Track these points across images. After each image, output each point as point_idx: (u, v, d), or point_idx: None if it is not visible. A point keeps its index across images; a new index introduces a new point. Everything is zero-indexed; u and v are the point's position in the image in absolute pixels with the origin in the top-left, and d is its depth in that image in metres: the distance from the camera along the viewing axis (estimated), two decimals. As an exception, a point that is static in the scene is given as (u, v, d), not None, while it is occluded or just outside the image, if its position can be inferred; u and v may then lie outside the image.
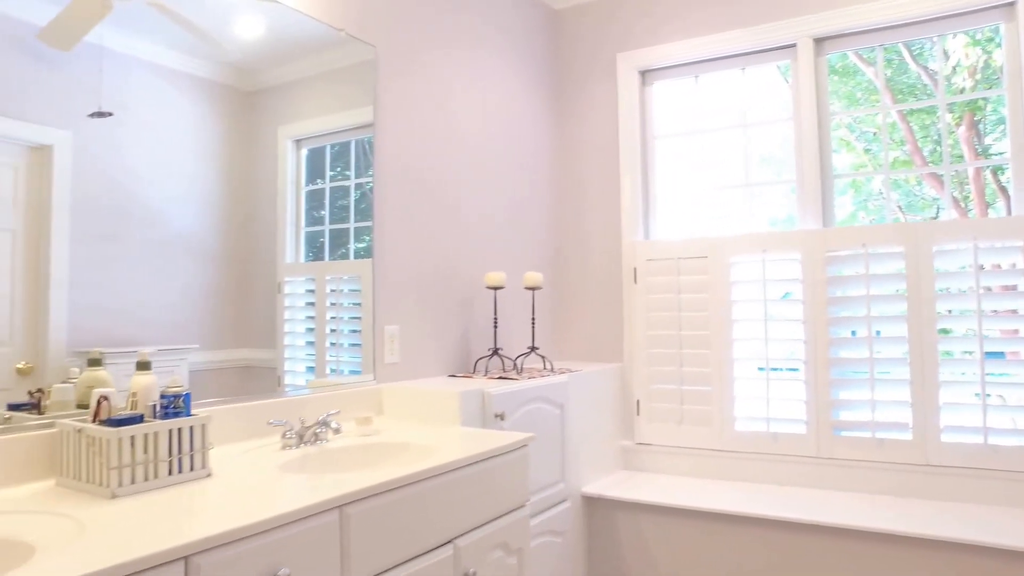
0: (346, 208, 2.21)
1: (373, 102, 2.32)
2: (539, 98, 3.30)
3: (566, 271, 3.40)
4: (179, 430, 1.41)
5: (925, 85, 3.29)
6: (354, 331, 2.23)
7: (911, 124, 3.96)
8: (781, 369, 2.90)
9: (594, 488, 2.83)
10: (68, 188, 1.50)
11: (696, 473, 3.00)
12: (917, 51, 3.48)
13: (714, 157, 3.15)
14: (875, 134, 3.86)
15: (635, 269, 3.19)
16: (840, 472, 2.73)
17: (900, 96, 3.47)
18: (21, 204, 1.43)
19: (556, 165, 3.43)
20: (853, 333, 2.79)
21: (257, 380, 1.90)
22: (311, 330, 2.08)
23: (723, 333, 2.96)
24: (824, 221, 2.87)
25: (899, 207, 4.13)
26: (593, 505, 2.84)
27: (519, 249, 3.09)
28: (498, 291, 2.90)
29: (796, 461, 2.80)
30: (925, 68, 3.35)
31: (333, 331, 2.15)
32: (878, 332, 2.69)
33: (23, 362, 1.42)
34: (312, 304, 2.09)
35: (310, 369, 2.07)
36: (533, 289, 2.73)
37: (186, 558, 1.06)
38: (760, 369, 2.89)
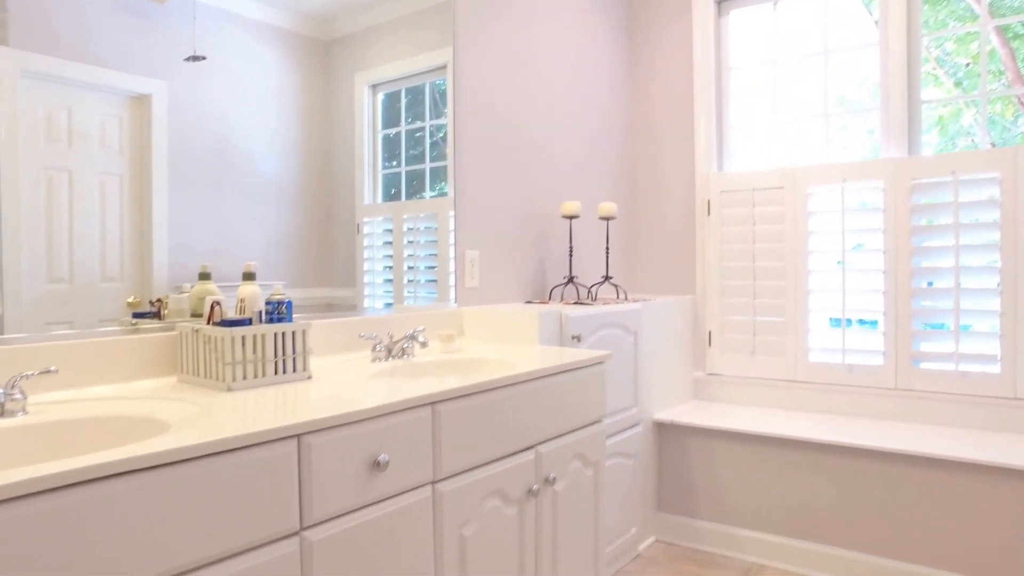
0: (422, 150, 2.26)
1: (452, 41, 2.35)
2: (613, 30, 3.25)
3: (640, 203, 3.39)
4: (283, 334, 1.52)
5: (1035, 9, 3.04)
6: (430, 267, 2.31)
7: (1014, 50, 3.67)
8: (859, 313, 2.85)
9: (666, 415, 2.89)
10: (165, 136, 1.60)
11: (768, 404, 3.01)
12: (1026, -31, 3.21)
13: (792, 88, 3.05)
14: (968, 65, 3.58)
15: (708, 201, 3.16)
16: (919, 405, 2.68)
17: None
18: (126, 151, 1.54)
19: (631, 97, 3.39)
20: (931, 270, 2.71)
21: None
22: (389, 268, 2.16)
23: (798, 264, 2.92)
24: (910, 151, 2.76)
25: (992, 145, 3.88)
26: (664, 431, 2.90)
27: (594, 181, 3.10)
28: (573, 221, 2.93)
29: (872, 393, 2.77)
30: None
31: (411, 268, 2.23)
32: (966, 263, 2.60)
33: (132, 297, 1.55)
34: (390, 243, 2.17)
35: (388, 306, 2.16)
36: (607, 219, 2.75)
37: (299, 436, 1.16)
38: (837, 301, 2.84)
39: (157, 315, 1.59)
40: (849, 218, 2.82)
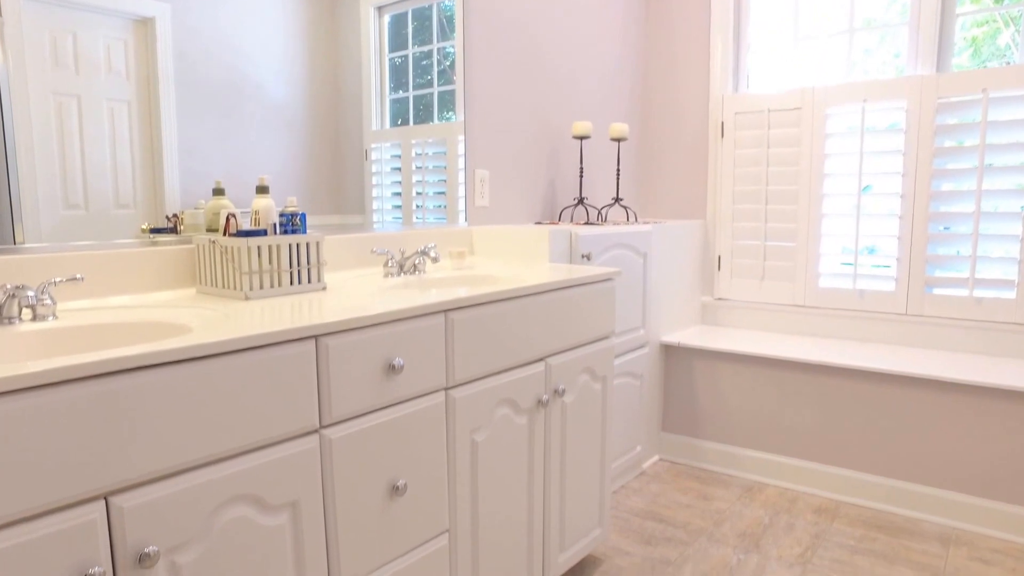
0: (429, 77, 2.22)
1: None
2: (629, -59, 3.13)
3: (652, 125, 3.35)
4: (297, 245, 1.54)
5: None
6: (439, 193, 2.30)
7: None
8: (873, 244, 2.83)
9: (673, 337, 2.93)
10: (171, 60, 1.57)
11: (776, 329, 3.04)
12: None
13: (816, 6, 2.95)
14: (1014, -23, 3.36)
15: (722, 123, 3.11)
16: (930, 331, 2.70)
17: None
18: (132, 76, 1.51)
19: (646, 14, 3.29)
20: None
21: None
22: (397, 194, 2.16)
23: (813, 188, 2.89)
24: (938, 68, 2.68)
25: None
26: (671, 353, 2.95)
27: (606, 101, 3.06)
28: (584, 141, 2.90)
29: (882, 319, 2.79)
30: None
31: (419, 194, 2.23)
32: (989, 187, 2.55)
33: (146, 223, 1.56)
34: (398, 169, 2.16)
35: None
36: (619, 140, 2.72)
37: (316, 337, 1.20)
38: (851, 226, 2.83)
39: (174, 230, 1.61)
40: (868, 140, 2.78)
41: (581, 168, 2.69)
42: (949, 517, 2.38)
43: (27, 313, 1.23)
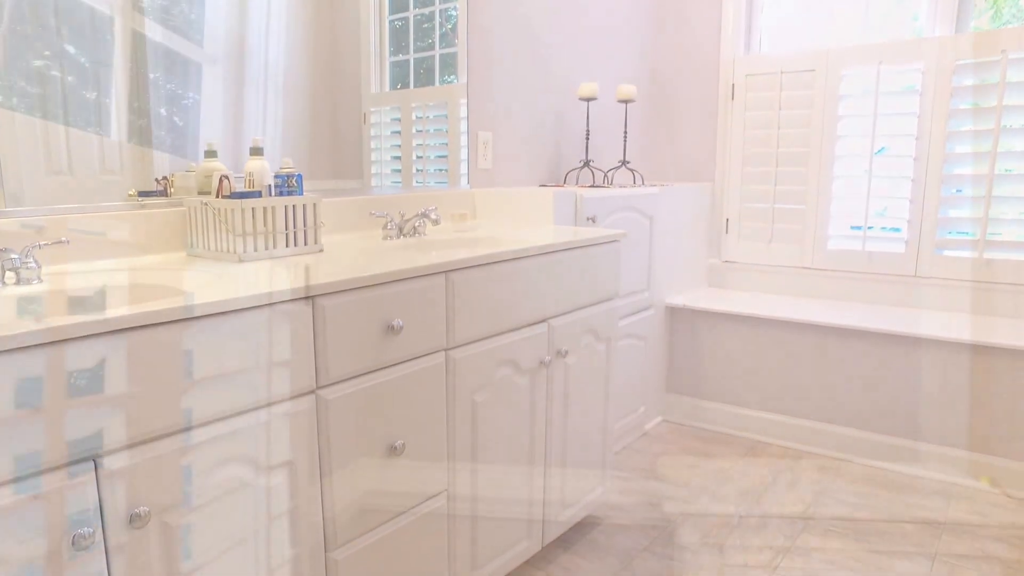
0: (430, 41, 2.15)
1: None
2: None
3: (661, 87, 3.27)
4: (293, 207, 1.52)
5: None
6: (440, 156, 2.25)
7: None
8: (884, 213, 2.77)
9: (678, 299, 2.90)
10: (161, 23, 1.51)
11: (783, 291, 3.00)
12: None
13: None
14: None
15: (733, 85, 3.04)
16: (938, 292, 2.66)
17: None
18: (118, 39, 1.45)
19: (652, -30, 3.20)
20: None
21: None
22: (397, 158, 2.11)
23: (824, 151, 2.83)
24: (957, 31, 2.59)
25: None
26: (676, 315, 2.92)
27: (614, 62, 2.98)
28: (591, 103, 2.84)
29: (890, 280, 2.75)
30: None
31: (419, 157, 2.18)
32: (1004, 148, 2.48)
33: (132, 189, 1.52)
34: (398, 132, 2.11)
35: (397, 196, 2.12)
36: (626, 102, 2.66)
37: (312, 298, 1.18)
38: (862, 188, 2.77)
39: (164, 193, 1.57)
40: (883, 102, 2.70)
41: (587, 130, 2.64)
42: (951, 474, 2.37)
43: (11, 276, 1.20)
